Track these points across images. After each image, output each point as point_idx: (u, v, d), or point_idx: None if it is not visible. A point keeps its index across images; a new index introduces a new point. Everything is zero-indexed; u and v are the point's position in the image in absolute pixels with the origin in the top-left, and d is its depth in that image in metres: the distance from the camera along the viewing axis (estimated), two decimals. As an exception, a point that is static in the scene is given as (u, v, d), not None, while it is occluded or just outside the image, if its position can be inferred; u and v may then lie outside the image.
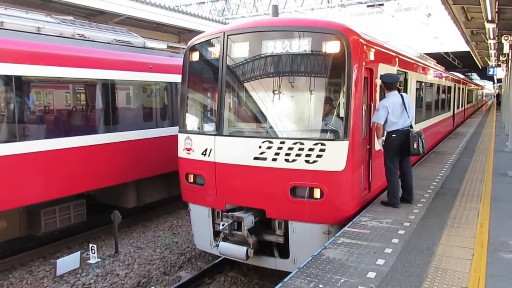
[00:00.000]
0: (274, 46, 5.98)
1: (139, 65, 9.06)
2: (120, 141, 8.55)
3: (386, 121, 6.20)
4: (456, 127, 20.66)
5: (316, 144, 5.59)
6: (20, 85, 6.94)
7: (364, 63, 5.96)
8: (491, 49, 18.46)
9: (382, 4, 24.70)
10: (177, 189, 7.39)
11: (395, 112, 6.15)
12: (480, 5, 10.55)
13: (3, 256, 7.42)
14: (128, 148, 8.71)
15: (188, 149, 6.67)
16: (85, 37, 8.44)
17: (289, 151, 5.71)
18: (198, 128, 6.99)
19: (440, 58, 24.35)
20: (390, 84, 6.32)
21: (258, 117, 6.51)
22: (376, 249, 4.74)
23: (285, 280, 4.07)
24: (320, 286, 3.89)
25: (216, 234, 6.51)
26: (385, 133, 6.33)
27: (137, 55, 9.24)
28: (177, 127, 7.07)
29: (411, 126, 6.27)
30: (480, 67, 33.75)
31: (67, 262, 7.18)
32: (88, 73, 7.97)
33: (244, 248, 5.90)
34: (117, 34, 9.44)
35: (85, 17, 14.91)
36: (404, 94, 6.51)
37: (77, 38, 8.25)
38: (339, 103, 5.86)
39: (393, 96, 6.26)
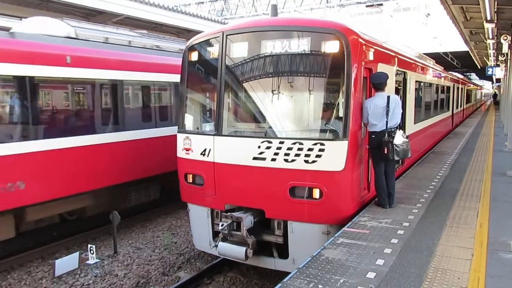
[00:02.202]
0: (273, 46, 5.97)
1: None
2: None
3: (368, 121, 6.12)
4: (455, 127, 20.67)
5: (315, 144, 5.58)
6: (124, 87, 8.91)
7: (363, 63, 5.94)
8: (490, 49, 18.49)
9: (381, 4, 24.70)
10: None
11: (374, 114, 6.00)
12: (479, 5, 10.55)
13: (1, 257, 7.40)
14: None
15: (187, 149, 6.65)
16: (160, 47, 10.33)
17: (288, 151, 5.70)
18: (197, 128, 6.98)
19: (439, 58, 24.36)
20: (377, 84, 6.19)
21: (257, 117, 6.50)
22: (375, 249, 4.73)
23: (285, 280, 4.05)
24: (320, 286, 3.88)
25: (215, 234, 6.49)
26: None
27: None
28: None
29: (398, 128, 6.13)
30: (479, 67, 33.79)
31: (66, 263, 7.16)
32: (167, 78, 9.85)
33: (243, 249, 5.88)
34: (180, 44, 11.21)
35: (83, 17, 14.88)
36: (393, 96, 6.32)
37: (155, 49, 10.12)
38: (338, 103, 5.85)
39: (378, 97, 6.11)
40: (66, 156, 7.54)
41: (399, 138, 6.00)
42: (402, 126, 7.18)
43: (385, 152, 5.93)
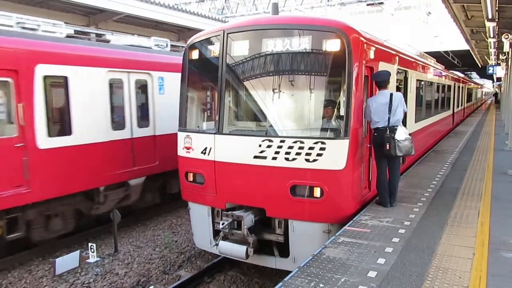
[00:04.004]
0: (274, 44, 5.95)
1: None
2: None
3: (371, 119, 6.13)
4: (455, 126, 20.65)
5: (316, 142, 5.56)
6: None
7: (364, 62, 5.92)
8: (491, 47, 18.42)
9: (382, 3, 24.63)
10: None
11: (377, 111, 6.02)
12: (480, 3, 10.51)
13: (2, 256, 7.39)
14: None
15: (188, 148, 6.64)
16: None
17: (289, 150, 5.69)
18: (198, 126, 6.97)
19: (440, 57, 24.33)
20: (380, 82, 6.19)
21: (258, 116, 6.49)
22: (376, 248, 4.73)
23: (286, 279, 4.05)
24: (321, 285, 3.87)
25: (216, 233, 6.50)
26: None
27: None
28: None
29: (401, 125, 6.11)
30: (480, 66, 33.72)
31: (66, 261, 7.16)
32: None
33: (244, 247, 5.88)
34: None
35: (84, 15, 14.86)
36: (396, 94, 6.31)
37: None
38: (339, 102, 5.84)
39: (380, 95, 6.13)
40: None
41: (401, 134, 5.98)
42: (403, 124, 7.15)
43: (387, 148, 5.91)
